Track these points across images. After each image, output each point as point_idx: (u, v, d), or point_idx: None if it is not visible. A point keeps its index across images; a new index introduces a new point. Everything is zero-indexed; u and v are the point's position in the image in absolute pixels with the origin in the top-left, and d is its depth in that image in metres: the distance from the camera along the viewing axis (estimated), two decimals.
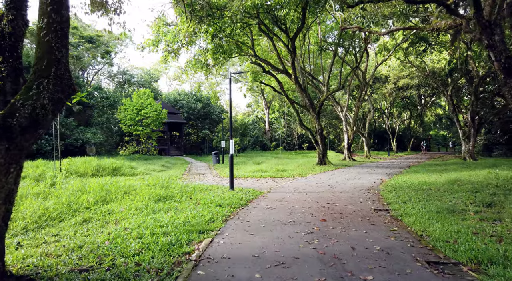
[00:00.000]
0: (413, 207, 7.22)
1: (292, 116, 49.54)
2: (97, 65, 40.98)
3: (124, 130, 28.24)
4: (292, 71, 19.17)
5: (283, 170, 17.53)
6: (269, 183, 12.82)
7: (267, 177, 15.06)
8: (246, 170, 17.70)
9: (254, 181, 13.61)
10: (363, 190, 10.53)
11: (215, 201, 8.11)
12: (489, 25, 5.34)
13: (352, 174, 15.85)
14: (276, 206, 7.97)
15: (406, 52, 30.16)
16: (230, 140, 10.43)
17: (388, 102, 40.32)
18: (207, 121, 43.20)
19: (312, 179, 13.73)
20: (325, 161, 20.50)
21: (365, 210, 7.37)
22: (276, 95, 46.40)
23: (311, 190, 10.62)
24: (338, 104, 26.79)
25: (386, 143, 48.70)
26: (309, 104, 20.01)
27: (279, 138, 47.04)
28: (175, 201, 8.29)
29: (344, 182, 12.69)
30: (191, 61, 21.41)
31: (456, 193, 8.73)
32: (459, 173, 13.41)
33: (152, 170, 18.40)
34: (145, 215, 6.77)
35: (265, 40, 27.23)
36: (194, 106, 41.06)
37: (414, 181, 11.64)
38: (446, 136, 61.11)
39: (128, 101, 27.65)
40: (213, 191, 9.95)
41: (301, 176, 15.34)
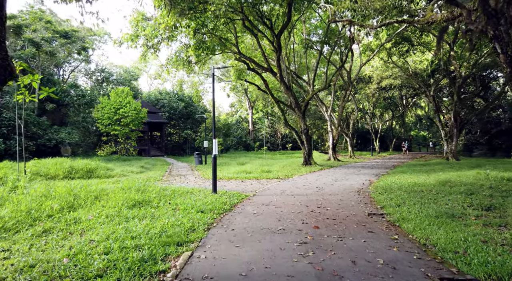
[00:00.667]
0: (409, 211, 6.75)
1: (276, 116, 49.14)
2: (74, 62, 39.26)
3: (102, 130, 26.96)
4: (277, 69, 18.62)
5: (268, 171, 16.94)
6: (254, 185, 12.19)
7: (252, 179, 14.43)
8: (230, 172, 17.01)
9: (238, 183, 12.95)
10: (353, 192, 10.06)
11: (197, 206, 7.40)
12: (495, 14, 4.94)
13: (339, 175, 15.44)
14: (263, 211, 7.35)
15: (389, 52, 30.28)
16: (213, 140, 9.73)
17: (371, 102, 40.49)
18: (189, 121, 42.18)
19: (299, 181, 13.20)
20: (310, 162, 20.06)
21: (359, 215, 6.85)
22: (260, 95, 45.87)
23: (299, 192, 10.06)
24: (323, 104, 26.47)
25: (368, 143, 49.04)
26: (294, 103, 19.52)
27: (263, 138, 46.51)
28: (152, 207, 7.52)
29: (332, 183, 12.21)
30: (172, 58, 20.55)
31: (450, 195, 8.36)
32: (447, 174, 13.20)
33: (130, 172, 17.42)
34: (117, 224, 5.99)
35: (249, 38, 26.62)
36: (176, 105, 39.97)
37: (403, 182, 11.28)
38: (426, 137, 62.28)
39: (105, 100, 26.40)
40: (195, 195, 9.22)
41: (287, 177, 14.79)
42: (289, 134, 48.12)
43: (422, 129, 65.17)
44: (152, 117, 34.51)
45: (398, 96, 44.29)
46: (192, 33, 16.21)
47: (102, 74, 39.48)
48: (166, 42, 16.06)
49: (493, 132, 28.43)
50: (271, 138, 48.51)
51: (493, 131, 28.32)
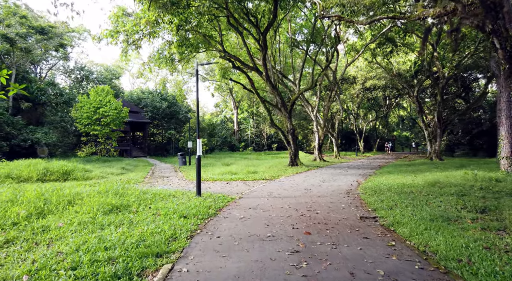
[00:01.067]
0: (402, 214, 6.47)
1: (261, 116, 48.83)
2: (52, 59, 37.77)
3: (80, 130, 25.90)
4: (263, 68, 18.24)
5: (254, 172, 16.54)
6: (240, 187, 11.75)
7: (238, 180, 13.99)
8: (215, 173, 16.51)
9: (223, 185, 12.48)
10: (342, 193, 9.77)
11: (179, 211, 6.91)
12: (494, 7, 4.73)
13: (326, 175, 15.18)
14: (250, 215, 6.92)
15: (373, 53, 30.47)
16: (197, 140, 9.24)
17: (355, 103, 40.72)
18: (173, 121, 41.31)
19: (286, 182, 12.84)
20: (297, 162, 19.77)
21: (351, 219, 6.52)
22: (245, 95, 45.45)
23: (287, 194, 9.69)
24: (309, 104, 26.29)
25: (353, 144, 49.40)
26: (280, 103, 19.19)
27: (248, 139, 46.09)
28: (130, 212, 6.98)
29: (319, 184, 11.91)
30: (154, 55, 19.86)
31: (441, 197, 8.17)
32: (434, 174, 13.13)
33: (109, 173, 16.66)
34: (90, 232, 5.45)
35: (234, 36, 26.17)
36: (159, 105, 39.04)
37: (392, 183, 11.09)
38: (408, 137, 63.29)
39: (84, 98, 25.37)
40: (177, 198, 8.71)
41: (274, 178, 14.42)
42: (275, 134, 47.90)
43: (405, 129, 66.28)
44: (134, 117, 33.54)
45: (382, 97, 44.80)
46: (175, 29, 15.62)
47: (81, 73, 38.14)
48: (148, 38, 15.42)
49: (474, 133, 28.96)
50: (256, 139, 48.15)
51: (474, 132, 28.85)
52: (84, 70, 38.22)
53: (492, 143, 28.15)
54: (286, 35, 30.19)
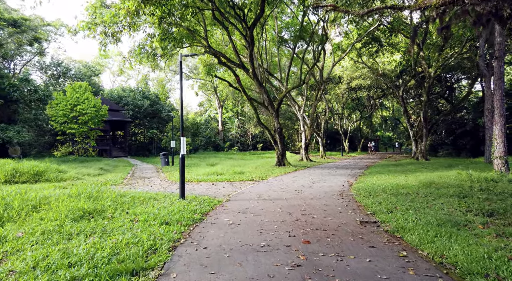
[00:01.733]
0: (405, 219, 5.97)
1: (246, 115, 48.18)
2: (26, 55, 35.88)
3: (56, 128, 24.49)
4: (249, 65, 17.60)
5: (241, 172, 15.86)
6: (227, 189, 11.06)
7: (224, 181, 13.29)
8: (199, 173, 15.74)
9: (209, 186, 11.76)
10: (335, 195, 9.24)
11: (160, 217, 6.18)
12: None
13: (315, 176, 14.68)
14: (240, 220, 6.26)
15: (359, 52, 30.39)
16: (181, 138, 8.50)
17: (340, 103, 40.65)
18: (155, 120, 40.05)
19: (275, 183, 12.24)
20: (284, 162, 19.23)
21: (351, 224, 5.96)
22: (230, 94, 44.68)
23: (278, 196, 9.08)
24: (296, 103, 25.83)
25: (337, 144, 49.42)
26: (267, 101, 18.59)
27: (233, 138, 45.35)
28: (104, 218, 6.20)
29: (310, 185, 11.36)
30: (135, 50, 18.91)
31: (441, 199, 7.75)
32: (425, 174, 12.84)
33: (86, 174, 15.62)
34: (54, 243, 4.66)
35: (219, 33, 25.41)
36: (140, 103, 37.74)
37: (385, 184, 10.67)
38: (391, 137, 64.09)
39: (60, 95, 24.00)
40: (159, 202, 7.95)
41: (262, 179, 13.79)
42: (260, 134, 47.34)
43: (387, 130, 67.11)
44: (114, 116, 32.23)
45: (366, 97, 45.00)
46: (157, 22, 14.75)
47: (58, 69, 36.40)
48: (128, 31, 14.50)
49: (458, 133, 29.22)
50: (241, 138, 47.46)
51: (458, 132, 29.11)
52: (61, 67, 36.49)
53: (475, 143, 28.54)
54: (272, 33, 29.69)
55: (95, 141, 26.28)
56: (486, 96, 16.16)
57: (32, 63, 37.82)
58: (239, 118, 48.55)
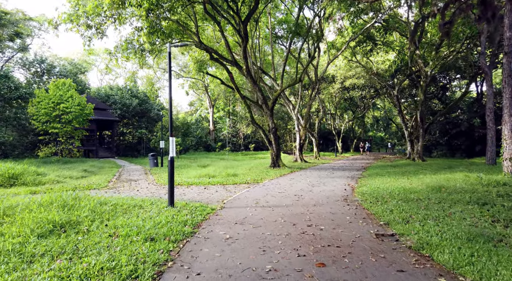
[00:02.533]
0: (427, 231, 5.23)
1: (238, 115, 47.31)
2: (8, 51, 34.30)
3: (38, 128, 23.21)
4: (243, 61, 16.76)
5: (234, 174, 15.00)
6: (220, 193, 10.20)
7: (217, 184, 12.42)
8: (190, 176, 14.83)
9: (201, 190, 10.88)
10: (339, 201, 8.47)
11: (145, 230, 5.30)
12: None
13: (313, 178, 13.92)
14: (238, 234, 5.42)
15: (353, 51, 29.87)
16: (170, 138, 7.62)
17: (334, 103, 40.12)
18: (144, 119, 38.89)
19: (272, 187, 11.42)
20: (279, 164, 18.45)
21: (366, 237, 5.18)
22: (221, 93, 43.76)
23: (277, 202, 8.26)
24: (290, 102, 25.08)
25: (330, 144, 48.97)
26: (262, 100, 17.78)
27: (224, 139, 44.40)
28: (79, 233, 5.29)
29: (310, 189, 10.58)
30: (122, 45, 17.88)
31: (457, 206, 7.05)
32: (430, 177, 12.22)
33: (68, 177, 14.55)
34: (10, 269, 3.75)
35: (210, 29, 24.51)
36: (129, 102, 36.54)
37: (390, 188, 9.96)
38: (383, 138, 63.99)
39: (42, 93, 22.74)
40: (145, 210, 7.05)
41: (257, 182, 12.96)
42: (252, 134, 46.52)
43: (379, 130, 67.05)
44: (101, 115, 30.99)
45: (358, 97, 44.60)
46: (145, 14, 13.80)
47: (42, 66, 34.91)
48: (111, 22, 13.49)
49: (452, 133, 28.91)
50: (232, 138, 46.56)
51: (453, 132, 28.80)
52: (45, 64, 35.01)
53: (470, 143, 28.28)
54: (265, 30, 28.90)
55: (81, 141, 25.08)
56: (488, 95, 15.65)
57: (15, 60, 36.23)
58: (231, 118, 47.64)
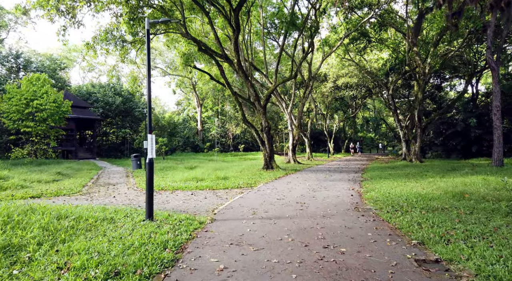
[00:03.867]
0: (482, 256, 4.01)
1: (227, 115, 45.88)
2: None
3: (9, 127, 21.27)
4: (234, 54, 15.40)
5: (225, 177, 13.63)
6: (210, 200, 8.82)
7: (206, 189, 11.03)
8: (176, 179, 13.39)
9: (187, 197, 9.47)
10: (350, 210, 7.22)
11: (109, 259, 3.90)
12: None
13: (312, 182, 12.66)
14: (235, 262, 4.07)
15: (347, 48, 28.95)
16: (148, 136, 6.22)
17: (326, 102, 39.14)
18: (128, 119, 37.04)
19: (268, 192, 10.10)
20: (272, 165, 17.16)
21: (405, 265, 3.91)
22: (209, 92, 42.26)
23: (278, 213, 6.95)
24: (283, 100, 23.84)
25: (321, 144, 48.01)
26: (254, 96, 16.46)
27: (213, 139, 42.86)
28: (17, 263, 3.84)
29: (313, 195, 9.31)
30: (100, 35, 16.30)
31: (497, 218, 5.91)
32: (442, 181, 11.16)
33: (36, 181, 12.88)
34: None
35: (198, 23, 23.07)
36: (112, 100, 34.65)
37: (402, 193, 8.79)
38: (373, 138, 63.46)
39: (14, 89, 20.83)
40: (116, 225, 5.63)
41: (250, 186, 11.63)
42: (241, 134, 45.14)
43: (369, 131, 66.59)
44: (81, 113, 29.09)
45: (349, 97, 43.77)
46: None
47: (18, 61, 32.73)
48: (84, 3, 11.93)
49: (448, 133, 28.18)
50: (221, 139, 45.06)
51: (448, 132, 28.06)
52: (21, 59, 32.83)
53: (465, 144, 27.57)
54: (257, 25, 27.64)
55: (58, 142, 23.24)
56: (494, 92, 14.74)
57: None
58: (220, 118, 46.13)
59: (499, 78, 14.76)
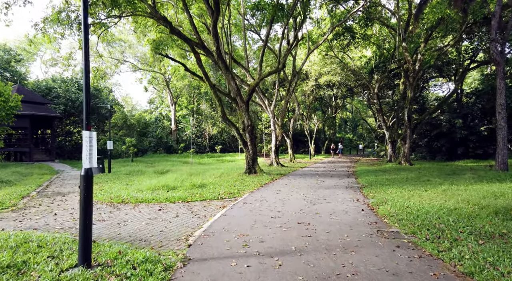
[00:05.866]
0: None
1: (203, 114, 43.43)
2: None
3: None
4: (213, 40, 13.26)
5: (202, 185, 11.47)
6: (183, 219, 6.70)
7: (178, 201, 8.86)
8: (142, 187, 11.06)
9: (153, 213, 7.29)
10: (374, 235, 5.35)
11: None
12: None
13: (305, 190, 10.77)
14: None
15: (330, 44, 27.60)
16: (83, 134, 3.99)
17: (308, 101, 37.65)
18: (94, 117, 33.83)
19: (257, 205, 8.09)
20: (255, 169, 15.17)
21: None
22: (184, 89, 39.65)
23: (279, 243, 4.96)
24: (265, 97, 21.88)
25: (301, 145, 46.55)
26: (235, 90, 14.39)
27: (188, 139, 40.27)
28: None
29: (314, 210, 7.39)
30: (52, 15, 13.67)
31: None
32: (459, 189, 9.62)
33: None
34: None
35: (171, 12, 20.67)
36: (75, 96, 31.42)
37: (426, 208, 7.10)
38: (351, 139, 62.94)
39: None
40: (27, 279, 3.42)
41: (234, 196, 9.56)
42: (218, 135, 42.83)
43: (346, 131, 66.12)
44: (38, 110, 25.81)
45: (328, 97, 42.58)
46: None
47: None
48: None
49: (433, 135, 27.36)
50: (197, 139, 42.53)
51: (433, 133, 27.23)
52: None
53: (450, 145, 26.83)
54: (236, 16, 25.59)
55: (5, 141, 20.07)
56: (498, 89, 13.51)
57: None
58: (195, 117, 43.58)
59: (504, 73, 13.53)
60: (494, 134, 25.49)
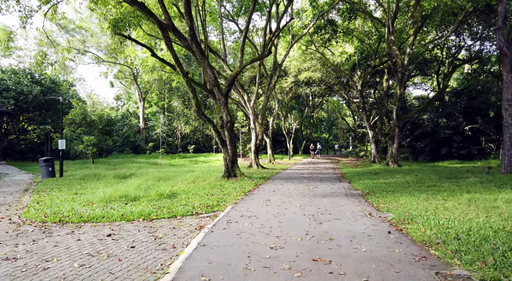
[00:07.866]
0: None
1: (175, 111, 40.63)
2: None
3: None
4: (186, 20, 11.00)
5: (172, 194, 9.22)
6: (140, 252, 4.49)
7: (139, 219, 6.62)
8: (94, 198, 8.64)
9: (99, 241, 5.03)
10: None
11: None
12: None
13: (298, 199, 8.81)
14: None
15: (311, 39, 26.09)
16: None
17: (286, 99, 35.95)
18: (50, 113, 30.25)
19: (245, 225, 6.01)
20: (235, 172, 13.08)
21: None
22: (154, 84, 36.70)
23: None
24: (245, 92, 19.80)
25: (278, 145, 44.90)
26: (213, 81, 12.20)
27: (157, 139, 37.37)
28: None
29: (324, 231, 5.44)
30: None
31: None
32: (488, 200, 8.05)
33: None
34: None
35: None
36: (27, 89, 27.80)
37: (475, 229, 5.37)
38: (328, 139, 62.17)
39: None
40: None
41: (213, 210, 7.43)
42: (191, 133, 40.20)
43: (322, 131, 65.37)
44: None
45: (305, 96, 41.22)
46: None
47: None
48: None
49: (416, 134, 26.46)
50: (168, 138, 39.66)
51: (416, 133, 26.33)
52: None
53: (434, 146, 26.02)
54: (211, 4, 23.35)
55: None
56: (505, 83, 12.25)
57: None
58: (166, 114, 40.67)
59: (510, 65, 12.30)
60: (477, 134, 25.06)
